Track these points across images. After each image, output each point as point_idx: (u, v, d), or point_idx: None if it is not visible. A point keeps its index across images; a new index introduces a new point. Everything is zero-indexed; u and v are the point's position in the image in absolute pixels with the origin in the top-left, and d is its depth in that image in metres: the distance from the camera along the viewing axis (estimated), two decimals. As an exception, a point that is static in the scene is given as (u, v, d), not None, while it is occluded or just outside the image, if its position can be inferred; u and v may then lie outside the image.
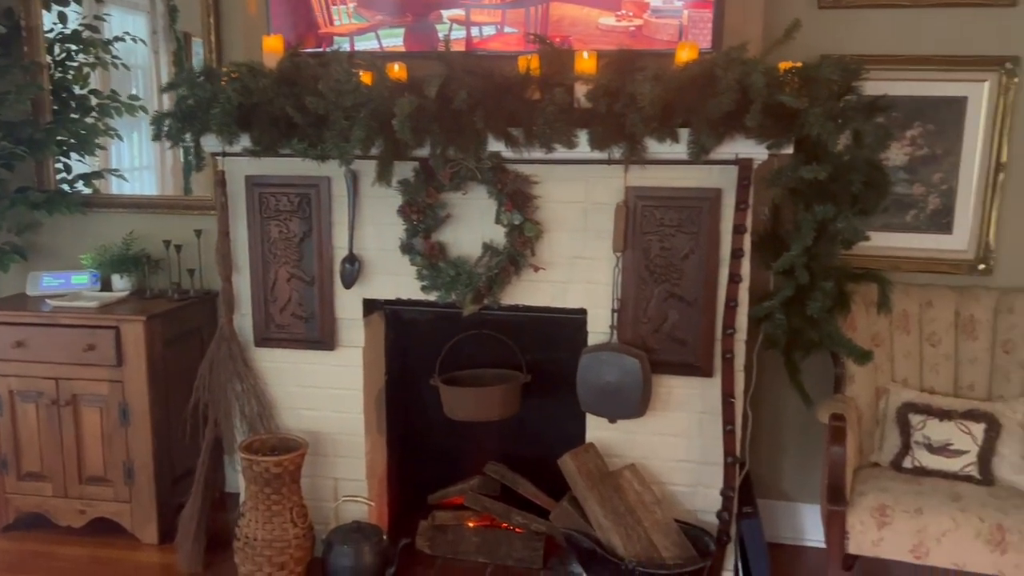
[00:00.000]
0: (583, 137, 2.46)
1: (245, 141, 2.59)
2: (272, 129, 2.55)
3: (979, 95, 2.80)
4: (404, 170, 2.62)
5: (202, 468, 2.87)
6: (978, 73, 2.79)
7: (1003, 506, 2.36)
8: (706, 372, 2.63)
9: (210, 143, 2.67)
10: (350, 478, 2.90)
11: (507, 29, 2.67)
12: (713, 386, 2.61)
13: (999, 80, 2.77)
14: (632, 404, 2.59)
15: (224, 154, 2.69)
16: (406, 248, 2.66)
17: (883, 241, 2.90)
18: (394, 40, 2.74)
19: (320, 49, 2.76)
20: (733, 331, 2.55)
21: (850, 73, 2.40)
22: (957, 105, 2.82)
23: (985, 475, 2.53)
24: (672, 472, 2.72)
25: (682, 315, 2.62)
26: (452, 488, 3.05)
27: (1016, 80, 2.76)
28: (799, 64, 2.39)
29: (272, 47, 2.65)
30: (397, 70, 2.55)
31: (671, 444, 2.70)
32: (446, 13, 2.69)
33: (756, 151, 2.43)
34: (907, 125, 2.86)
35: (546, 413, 3.02)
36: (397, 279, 2.74)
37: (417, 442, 3.24)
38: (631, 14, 2.60)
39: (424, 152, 2.52)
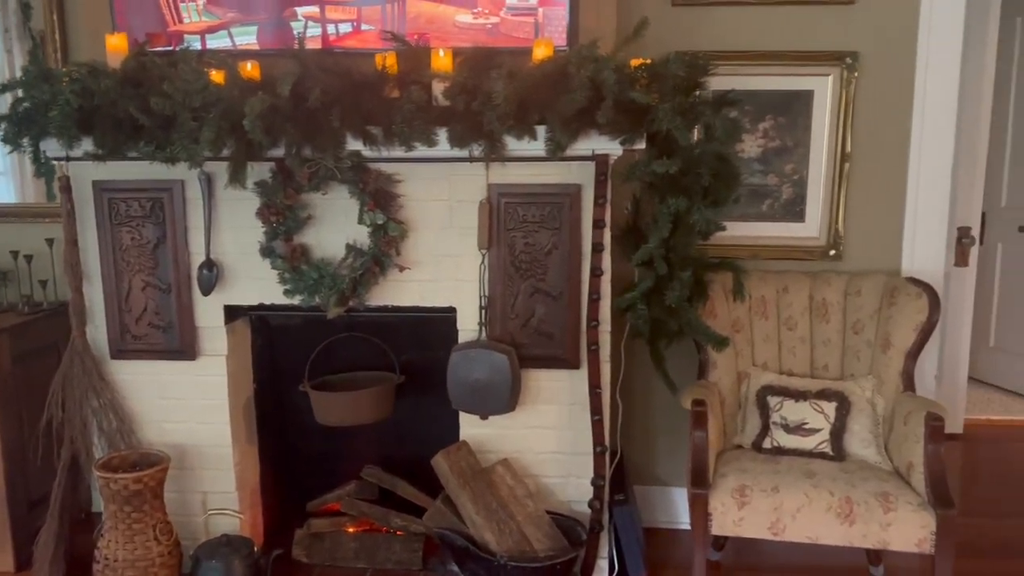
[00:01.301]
0: (443, 135, 2.46)
1: (88, 145, 2.47)
2: (116, 132, 2.44)
3: (824, 89, 2.93)
4: (262, 171, 2.55)
5: (59, 489, 2.73)
6: (822, 68, 2.92)
7: (852, 479, 2.49)
8: (574, 364, 2.67)
9: (51, 147, 2.53)
10: (219, 491, 2.81)
11: (364, 26, 2.64)
12: (581, 378, 2.65)
13: (841, 74, 2.91)
14: (502, 400, 2.60)
15: (67, 158, 2.55)
16: (266, 251, 2.59)
17: (742, 230, 3.01)
18: (247, 38, 2.67)
19: (169, 48, 2.66)
20: (597, 323, 2.59)
21: (697, 69, 2.47)
22: (805, 98, 2.95)
23: (837, 451, 2.66)
24: (545, 464, 2.75)
25: (548, 309, 2.65)
26: (329, 495, 2.99)
27: (856, 74, 2.91)
28: (649, 61, 2.45)
29: (116, 46, 2.53)
30: (250, 69, 2.48)
31: (543, 437, 2.73)
32: (300, 10, 2.63)
33: (611, 147, 2.47)
34: (760, 118, 2.98)
35: (423, 413, 3.01)
36: (259, 284, 2.67)
37: (292, 450, 3.17)
38: (487, 11, 2.60)
39: (280, 152, 2.46)
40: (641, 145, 2.45)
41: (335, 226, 2.63)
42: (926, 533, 2.35)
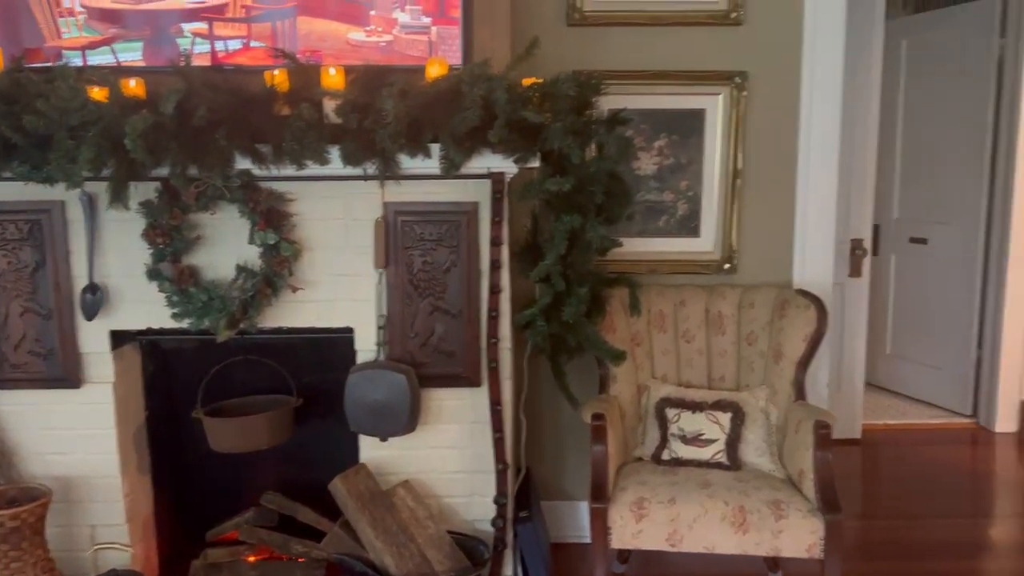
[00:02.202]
0: (335, 153, 2.42)
1: (-44, 165, 2.36)
2: (-13, 151, 2.33)
3: (715, 107, 3.02)
4: (147, 191, 2.47)
5: (-70, 530, 2.57)
6: (713, 87, 3.00)
7: (746, 488, 2.54)
8: (474, 382, 2.66)
9: (-82, 168, 2.40)
10: (108, 523, 2.69)
11: (254, 43, 2.59)
12: (483, 395, 2.64)
13: (731, 93, 3.00)
14: (402, 420, 2.58)
15: (-64, 179, 2.43)
16: (153, 274, 2.51)
17: (640, 246, 3.07)
18: (132, 55, 2.59)
19: (48, 64, 2.55)
20: (496, 340, 2.59)
21: (589, 88, 2.52)
22: (697, 117, 3.03)
23: (733, 460, 2.71)
24: (448, 484, 2.73)
25: (448, 327, 2.64)
26: (227, 523, 2.90)
27: (745, 93, 3.00)
28: (540, 80, 2.47)
29: (-12, 62, 2.43)
30: (133, 86, 2.40)
31: (445, 456, 2.71)
32: (187, 26, 2.57)
33: (506, 165, 2.48)
34: (655, 136, 3.04)
35: (325, 435, 2.95)
36: (147, 307, 2.58)
37: (189, 478, 3.06)
38: (381, 29, 2.59)
39: (165, 172, 2.39)
40: (536, 163, 2.47)
41: (226, 247, 2.57)
42: (815, 538, 2.41)
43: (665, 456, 2.75)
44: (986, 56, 4.37)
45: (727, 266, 3.10)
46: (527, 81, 2.47)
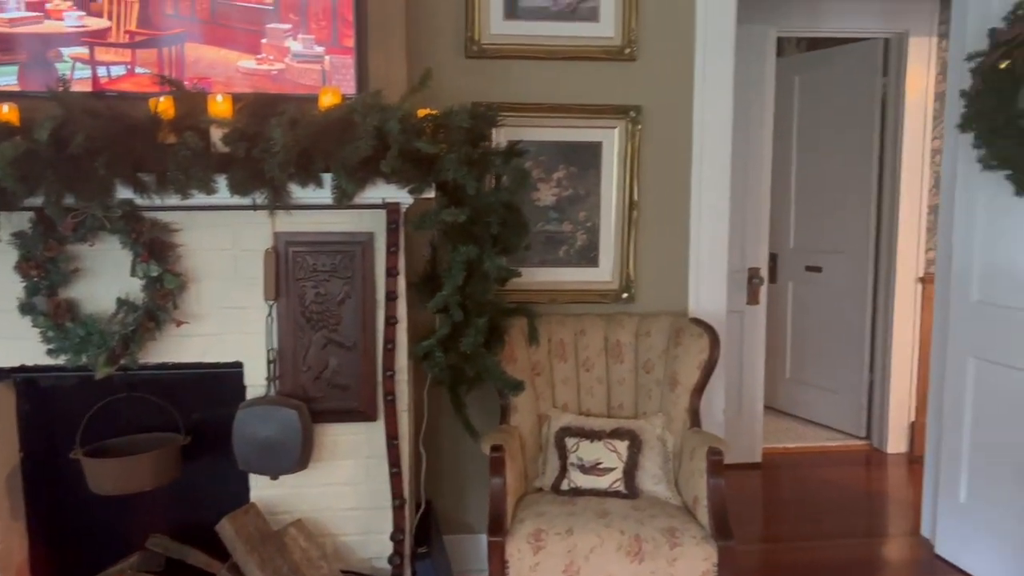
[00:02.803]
0: (222, 183, 2.36)
1: None
2: None
3: (611, 140, 3.08)
4: (21, 221, 2.36)
5: None
6: (609, 120, 3.06)
7: (642, 517, 2.56)
8: (370, 416, 2.61)
9: None
10: (-25, 575, 2.53)
11: (139, 69, 2.51)
12: (379, 430, 2.60)
13: (626, 127, 3.06)
14: (292, 458, 2.50)
15: None
16: (26, 308, 2.38)
17: (541, 276, 3.09)
18: (7, 79, 2.47)
19: (-87, 87, 2.42)
20: (392, 373, 2.55)
21: (484, 119, 2.53)
22: (594, 149, 3.08)
23: (631, 489, 2.73)
24: (343, 522, 2.66)
25: (342, 361, 2.59)
26: (111, 569, 2.74)
27: (640, 127, 3.07)
28: (435, 111, 2.47)
29: None
30: (6, 112, 2.29)
31: (340, 493, 2.65)
32: (67, 51, 2.47)
33: (400, 195, 2.47)
34: (554, 168, 3.07)
35: (215, 474, 2.83)
36: (21, 343, 2.45)
37: (70, 522, 2.89)
38: (272, 58, 2.55)
39: (39, 201, 2.28)
40: (431, 194, 2.46)
41: (106, 279, 2.46)
42: (708, 565, 2.44)
43: (564, 486, 2.74)
44: (870, 94, 4.61)
45: (625, 295, 3.14)
46: (422, 112, 2.46)
